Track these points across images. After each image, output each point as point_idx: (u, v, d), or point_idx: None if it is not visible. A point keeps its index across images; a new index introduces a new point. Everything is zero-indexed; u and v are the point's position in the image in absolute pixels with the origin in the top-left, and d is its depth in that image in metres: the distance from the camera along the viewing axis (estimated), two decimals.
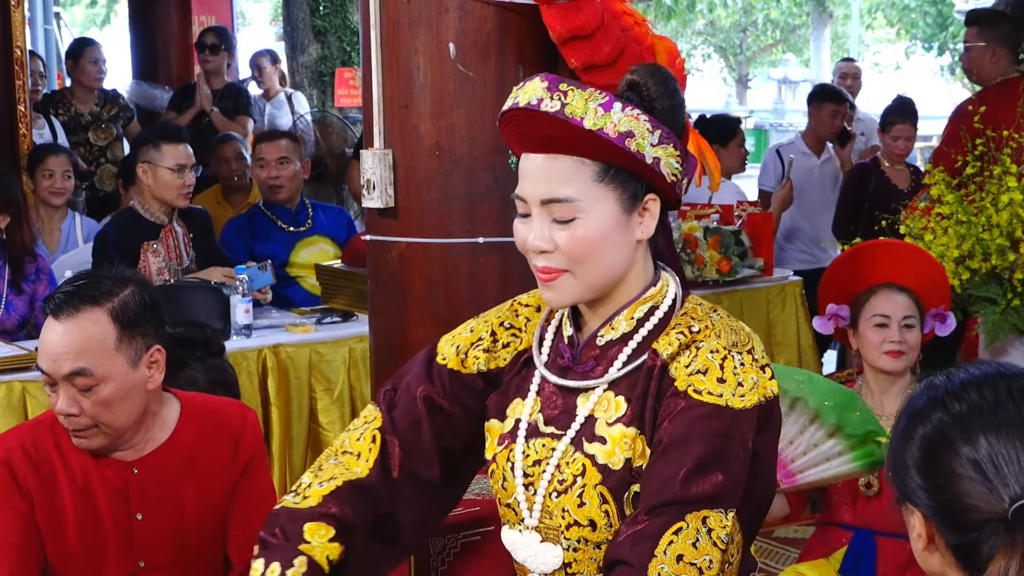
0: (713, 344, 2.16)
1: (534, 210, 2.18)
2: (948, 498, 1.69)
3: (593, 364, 2.24)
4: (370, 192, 3.78)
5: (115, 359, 2.82)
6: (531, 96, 2.14)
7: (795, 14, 30.32)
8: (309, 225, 6.24)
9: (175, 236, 5.54)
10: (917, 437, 1.72)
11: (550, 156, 2.15)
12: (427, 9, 3.67)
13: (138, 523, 2.93)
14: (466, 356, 2.37)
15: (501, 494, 2.30)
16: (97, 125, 7.89)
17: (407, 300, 3.80)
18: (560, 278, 2.17)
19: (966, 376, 1.75)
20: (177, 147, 5.45)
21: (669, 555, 2.03)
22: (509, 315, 2.40)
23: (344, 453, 2.35)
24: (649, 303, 2.24)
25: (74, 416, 2.82)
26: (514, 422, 2.30)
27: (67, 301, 2.82)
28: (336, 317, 5.53)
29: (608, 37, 3.63)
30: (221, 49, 8.63)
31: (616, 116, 2.11)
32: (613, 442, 2.17)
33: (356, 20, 12.23)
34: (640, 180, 2.17)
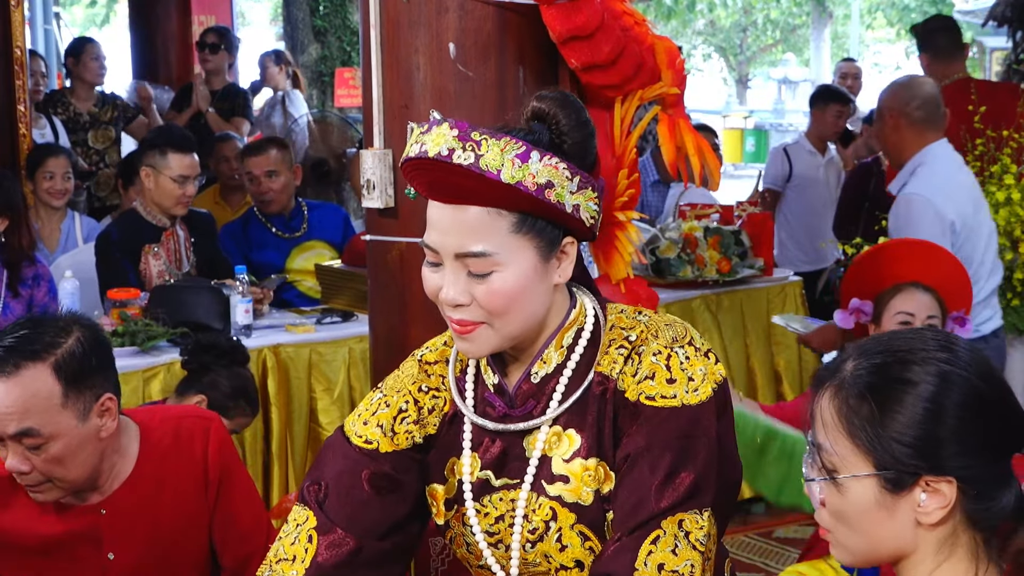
0: (654, 346, 2.11)
1: (447, 262, 2.07)
2: (990, 450, 1.72)
3: (533, 404, 2.16)
4: (370, 192, 3.78)
5: (62, 416, 2.67)
6: (441, 145, 2.04)
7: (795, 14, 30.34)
8: (304, 230, 6.22)
9: (176, 240, 5.54)
10: (952, 406, 1.72)
11: (461, 207, 2.04)
12: (427, 9, 3.67)
13: (110, 562, 2.86)
14: (395, 434, 2.24)
15: (469, 558, 2.23)
16: (96, 127, 7.89)
17: (407, 300, 3.80)
18: (477, 330, 2.08)
19: (943, 339, 1.79)
20: (183, 157, 5.43)
21: (650, 566, 1.99)
22: (422, 377, 2.28)
23: (279, 561, 2.20)
24: (574, 328, 2.17)
25: (25, 473, 2.69)
26: (457, 483, 2.21)
27: (6, 357, 2.65)
28: (336, 317, 5.53)
29: (608, 37, 3.63)
30: (222, 49, 8.63)
31: (534, 167, 2.02)
32: (576, 478, 2.11)
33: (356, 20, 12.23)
34: (558, 226, 2.09)
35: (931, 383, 1.72)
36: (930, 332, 1.83)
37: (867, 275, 4.12)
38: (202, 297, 5.15)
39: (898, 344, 1.79)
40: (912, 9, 27.78)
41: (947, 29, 6.76)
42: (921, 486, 1.72)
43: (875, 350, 1.79)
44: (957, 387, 1.72)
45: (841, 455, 1.76)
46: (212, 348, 4.05)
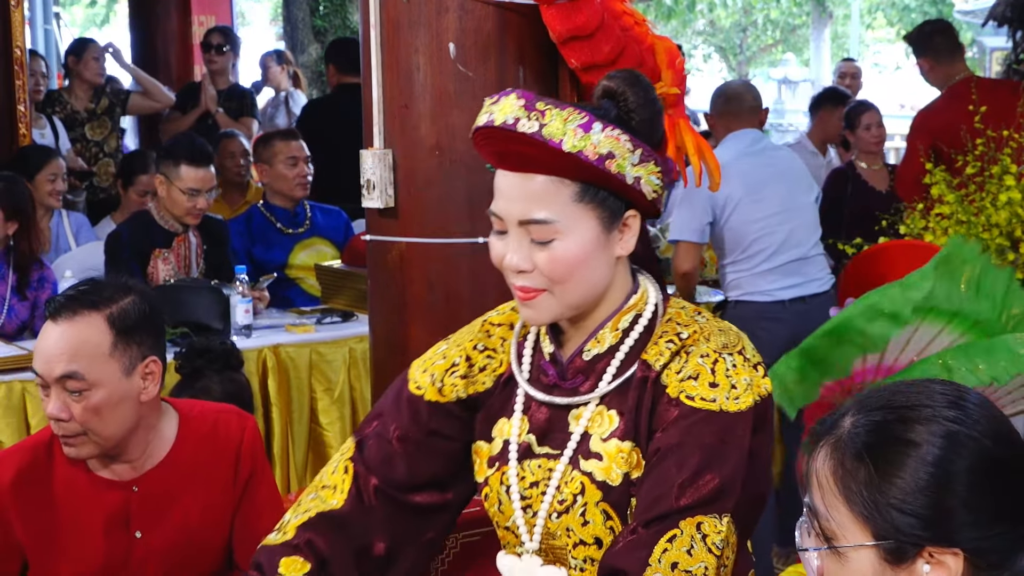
0: (703, 348, 2.13)
1: (511, 229, 2.13)
2: (1003, 518, 1.60)
3: (582, 379, 2.20)
4: (370, 192, 3.78)
5: (108, 365, 2.77)
6: (507, 115, 2.09)
7: (795, 14, 30.30)
8: (307, 226, 6.23)
9: (187, 246, 5.54)
10: (961, 472, 1.59)
11: (527, 175, 2.10)
12: (427, 9, 3.67)
13: (137, 540, 2.90)
14: (443, 384, 2.31)
15: (498, 517, 2.26)
16: (92, 120, 7.89)
17: (407, 300, 3.80)
18: (539, 297, 2.13)
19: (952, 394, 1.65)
20: (196, 171, 5.43)
21: (664, 563, 2.00)
22: (482, 337, 2.34)
23: (323, 488, 2.32)
24: (632, 312, 2.20)
25: (63, 421, 2.77)
26: (502, 443, 2.25)
27: (66, 304, 2.78)
28: (336, 317, 5.53)
29: (608, 37, 3.63)
30: (226, 49, 8.62)
31: (596, 137, 2.06)
32: (609, 458, 2.14)
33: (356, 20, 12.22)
34: (620, 198, 2.13)
35: (936, 445, 1.59)
36: (939, 386, 1.67)
37: (861, 275, 4.12)
38: (202, 297, 5.15)
39: (901, 399, 1.65)
40: (912, 9, 27.76)
41: (942, 31, 6.80)
42: (924, 557, 1.59)
43: (875, 405, 1.65)
44: (965, 449, 1.59)
45: (838, 522, 1.63)
46: (205, 352, 4.03)
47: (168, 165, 5.45)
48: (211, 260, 5.62)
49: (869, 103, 7.83)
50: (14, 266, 5.28)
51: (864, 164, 7.27)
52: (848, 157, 7.98)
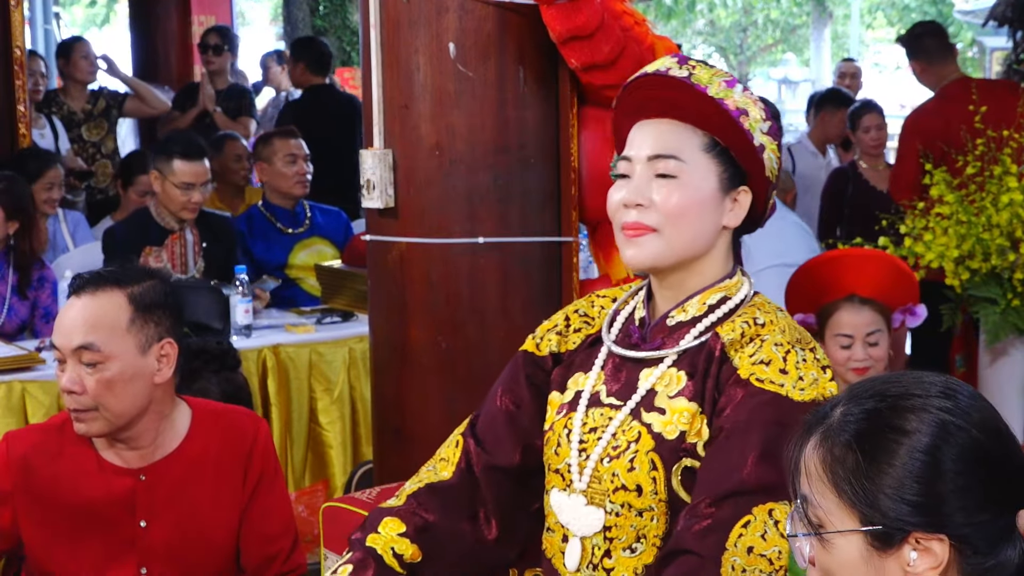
0: (778, 338, 2.21)
1: (637, 168, 2.26)
2: (990, 506, 1.61)
3: (660, 342, 2.29)
4: (370, 192, 3.78)
5: (124, 340, 2.83)
6: (660, 65, 2.28)
7: (795, 14, 30.30)
8: (307, 226, 6.24)
9: (183, 244, 5.54)
10: (951, 460, 1.60)
11: (665, 120, 2.26)
12: (427, 9, 3.67)
13: (142, 530, 2.92)
14: (541, 340, 2.45)
15: (552, 460, 2.34)
16: (89, 121, 7.89)
17: (407, 300, 3.80)
18: (646, 235, 2.24)
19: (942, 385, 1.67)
20: (189, 165, 5.45)
21: (740, 547, 2.07)
22: (585, 304, 2.48)
23: (440, 460, 2.46)
24: (722, 293, 2.30)
25: (76, 394, 2.81)
26: (575, 393, 2.35)
27: (90, 280, 2.87)
28: (336, 317, 5.53)
29: (608, 37, 3.63)
30: (225, 49, 8.62)
31: (736, 94, 2.24)
32: (672, 413, 2.22)
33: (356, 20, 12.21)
34: (740, 169, 2.26)
35: (925, 433, 1.61)
36: (930, 376, 1.68)
37: (805, 289, 4.07)
38: (202, 297, 5.15)
39: (893, 389, 1.66)
40: (912, 9, 27.76)
41: (933, 33, 6.84)
42: (911, 543, 1.60)
43: (866, 395, 1.67)
44: (955, 438, 1.61)
45: (826, 509, 1.64)
46: (201, 353, 4.03)
47: (162, 160, 5.47)
48: (211, 257, 5.61)
49: (873, 104, 7.84)
50: (14, 266, 5.28)
51: (865, 164, 7.29)
52: (849, 158, 7.99)
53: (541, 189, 3.80)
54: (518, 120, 3.73)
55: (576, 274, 3.89)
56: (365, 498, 3.57)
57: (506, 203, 3.75)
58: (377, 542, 2.32)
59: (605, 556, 2.26)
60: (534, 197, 3.78)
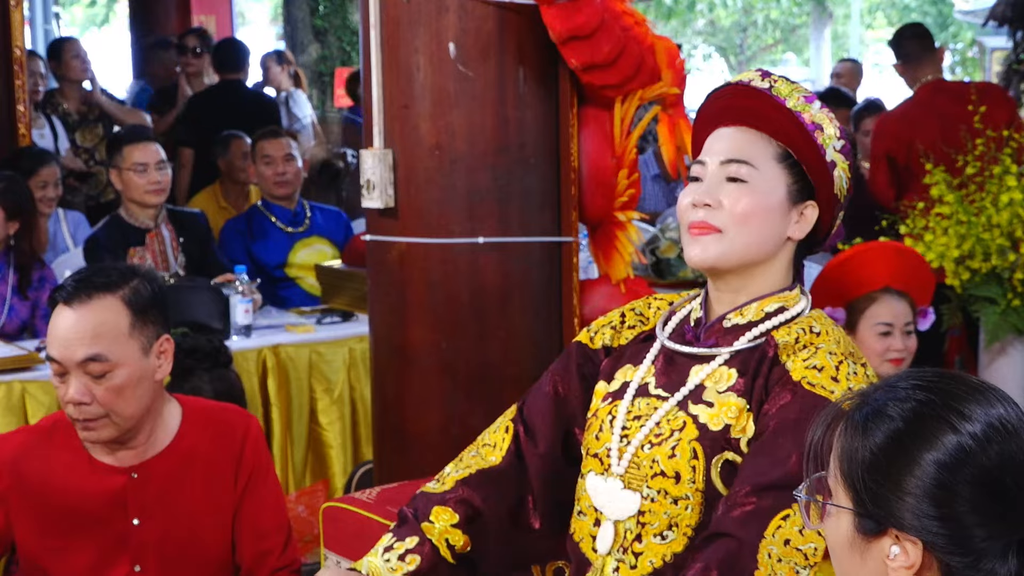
0: (832, 348, 2.25)
1: (710, 171, 2.30)
2: (969, 521, 1.59)
3: (715, 342, 2.33)
4: (370, 192, 3.78)
5: (128, 344, 2.82)
6: (744, 77, 2.34)
7: (795, 14, 30.29)
8: (307, 225, 6.25)
9: (161, 240, 5.53)
10: (926, 462, 1.60)
11: (742, 128, 2.31)
12: (427, 9, 3.67)
13: (135, 528, 2.91)
14: (595, 333, 2.49)
15: (592, 444, 2.37)
16: (84, 126, 7.87)
17: (407, 300, 3.80)
18: (711, 235, 2.28)
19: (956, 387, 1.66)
20: (136, 146, 5.47)
21: (778, 538, 2.11)
22: (642, 304, 2.52)
23: (484, 445, 2.48)
24: (780, 303, 2.33)
25: (85, 405, 2.79)
26: (622, 383, 2.38)
27: (79, 288, 2.82)
28: (336, 317, 5.52)
29: (608, 37, 3.63)
30: (202, 52, 8.63)
31: (814, 109, 2.29)
32: (720, 406, 2.25)
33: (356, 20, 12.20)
34: (809, 184, 2.31)
35: (937, 449, 1.60)
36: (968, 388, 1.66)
37: (839, 282, 4.10)
38: (201, 297, 5.14)
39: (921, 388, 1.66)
40: (912, 9, 27.76)
41: (915, 35, 6.93)
42: (891, 538, 1.61)
43: (895, 385, 1.67)
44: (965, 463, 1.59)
45: (834, 485, 1.69)
46: (193, 351, 4.02)
47: (114, 155, 5.54)
48: (189, 252, 5.61)
49: (876, 106, 7.85)
50: (15, 266, 5.28)
51: (867, 164, 7.28)
52: None
53: (541, 189, 3.80)
54: (518, 120, 3.73)
55: (576, 274, 3.89)
56: (365, 498, 3.57)
57: (506, 203, 3.75)
58: (432, 532, 2.35)
59: (636, 540, 2.28)
60: (534, 197, 3.78)
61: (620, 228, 3.97)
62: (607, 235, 3.98)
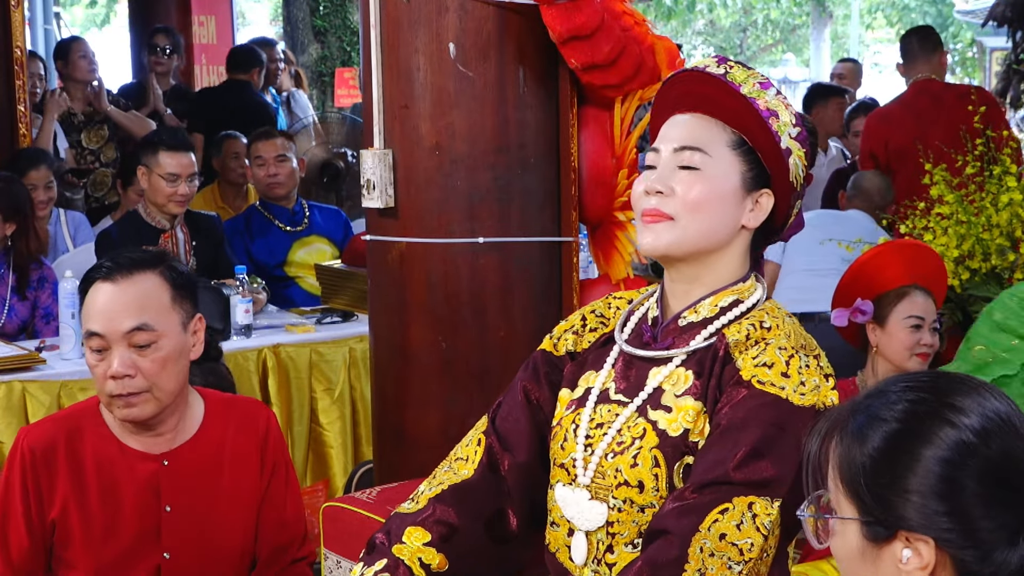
0: (782, 342, 2.23)
1: (664, 158, 2.29)
2: (976, 514, 1.60)
3: (671, 341, 2.31)
4: (370, 192, 3.78)
5: (171, 316, 2.87)
6: (700, 63, 2.32)
7: (795, 14, 30.28)
8: (306, 225, 6.26)
9: (175, 242, 5.53)
10: (927, 460, 1.61)
11: (697, 115, 2.30)
12: (427, 9, 3.67)
13: (166, 515, 2.93)
14: (558, 340, 2.48)
15: (558, 454, 2.36)
16: (89, 127, 7.85)
17: (407, 300, 3.80)
18: (663, 223, 2.26)
19: (947, 385, 1.68)
20: (174, 156, 5.43)
21: (713, 532, 2.10)
22: (602, 305, 2.50)
23: (456, 460, 2.45)
24: (734, 295, 2.31)
25: (129, 378, 2.81)
26: (585, 390, 2.36)
27: (120, 265, 2.86)
28: (336, 317, 5.53)
29: (608, 37, 3.63)
30: (170, 51, 8.64)
31: (769, 96, 2.27)
32: (678, 411, 2.23)
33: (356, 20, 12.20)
34: (764, 171, 2.29)
35: (937, 446, 1.61)
36: (959, 384, 1.68)
37: (872, 275, 4.14)
38: (202, 297, 5.12)
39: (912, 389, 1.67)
40: (912, 9, 27.76)
41: (916, 34, 7.08)
42: (902, 541, 1.62)
43: (886, 389, 1.69)
44: (954, 448, 1.61)
45: (835, 496, 1.68)
46: None
47: (148, 154, 5.47)
48: (201, 256, 5.61)
49: (868, 106, 7.88)
50: (13, 266, 5.28)
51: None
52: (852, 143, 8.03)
53: (541, 189, 3.80)
54: (518, 120, 3.73)
55: (576, 274, 3.89)
56: (365, 498, 3.57)
57: (506, 203, 3.75)
58: (404, 553, 2.33)
59: (608, 551, 2.27)
60: (534, 197, 3.79)
61: (620, 228, 3.97)
62: (607, 235, 3.98)
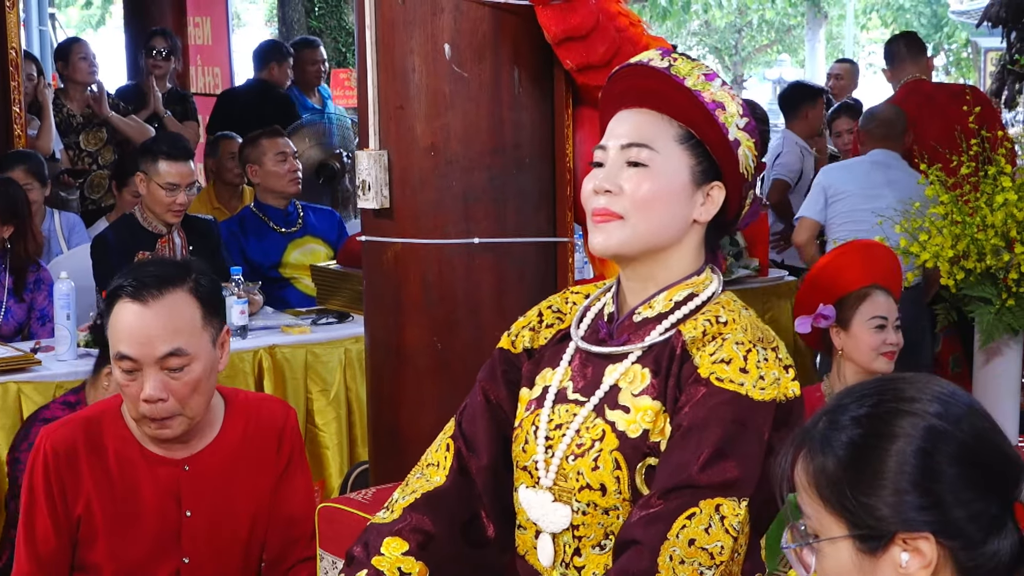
0: (739, 336, 2.20)
1: (611, 155, 2.26)
2: (965, 498, 1.61)
3: (627, 338, 2.29)
4: (365, 193, 3.78)
5: (203, 337, 2.82)
6: (643, 57, 2.29)
7: (790, 15, 30.32)
8: (300, 226, 6.26)
9: (172, 247, 5.52)
10: (902, 454, 1.62)
11: (643, 110, 2.27)
12: (422, 10, 3.67)
13: (187, 520, 2.93)
14: (516, 337, 2.45)
15: (520, 457, 2.34)
16: (88, 129, 7.84)
17: (402, 301, 3.80)
18: (613, 222, 2.24)
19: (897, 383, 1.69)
20: (174, 165, 5.41)
21: (681, 538, 2.07)
22: (559, 300, 2.48)
23: (428, 466, 2.44)
24: (689, 289, 2.29)
25: (162, 402, 2.78)
26: (542, 389, 2.35)
27: (148, 284, 2.78)
28: (332, 318, 5.53)
29: (603, 38, 3.63)
30: (168, 54, 8.64)
31: (715, 87, 2.24)
32: (636, 411, 2.21)
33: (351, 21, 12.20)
34: (714, 164, 2.26)
35: (908, 437, 1.62)
36: (912, 379, 1.70)
37: (831, 279, 4.15)
38: None
39: (877, 395, 1.68)
40: (907, 10, 27.81)
41: (903, 38, 7.15)
42: (899, 544, 1.61)
43: (842, 403, 1.69)
44: (939, 440, 1.62)
45: (816, 519, 1.66)
46: None
47: (147, 161, 5.45)
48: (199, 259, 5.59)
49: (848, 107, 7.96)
50: (10, 268, 5.29)
51: None
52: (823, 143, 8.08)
53: (536, 190, 3.80)
54: (513, 121, 3.73)
55: (571, 274, 3.90)
56: (361, 499, 3.58)
57: (501, 204, 3.75)
58: (383, 564, 2.31)
59: (575, 554, 2.25)
60: (529, 198, 3.79)
61: None
62: None
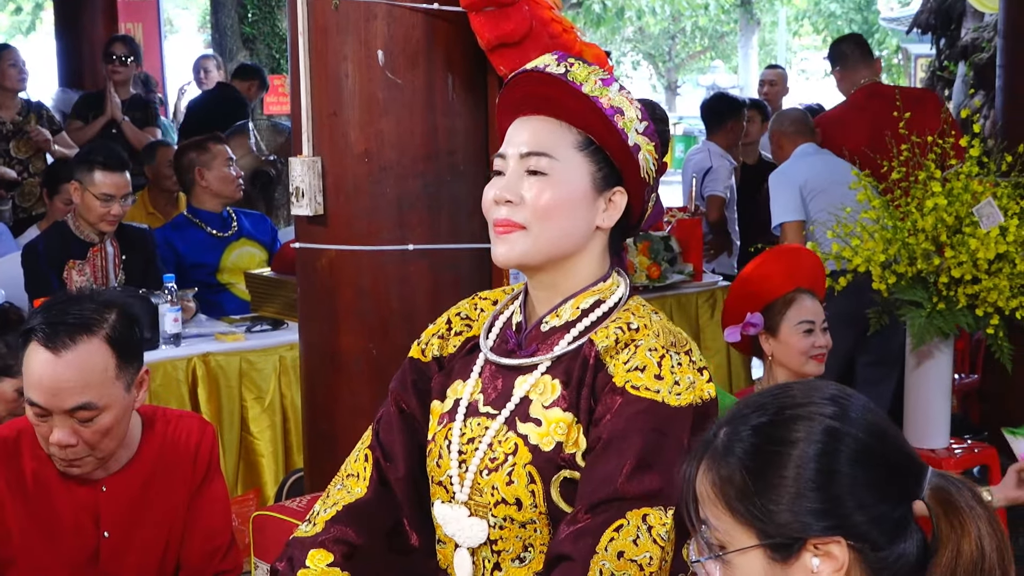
0: (652, 343, 2.18)
1: (511, 164, 2.24)
2: (866, 500, 1.62)
3: (535, 348, 2.27)
4: (299, 200, 3.77)
5: (115, 387, 2.76)
6: (539, 62, 2.24)
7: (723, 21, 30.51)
8: (235, 229, 6.23)
9: (104, 256, 5.47)
10: (801, 459, 1.63)
11: (541, 117, 2.24)
12: (355, 16, 3.67)
13: (105, 540, 2.90)
14: (425, 346, 2.42)
15: (435, 472, 2.32)
16: (18, 136, 7.75)
17: (337, 307, 3.79)
18: (515, 233, 2.22)
19: (790, 391, 1.71)
20: (110, 176, 5.35)
21: (610, 551, 2.06)
22: (468, 307, 2.45)
23: (348, 476, 2.41)
24: (596, 296, 2.27)
25: (72, 447, 2.75)
26: (454, 402, 2.32)
27: (60, 332, 2.70)
28: (266, 325, 5.50)
29: (536, 44, 3.64)
30: (129, 60, 8.56)
31: (612, 93, 2.21)
32: (548, 424, 2.19)
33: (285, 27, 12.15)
34: (615, 169, 2.24)
35: (810, 441, 1.63)
36: (810, 385, 1.72)
37: (756, 286, 4.16)
38: None
39: (775, 402, 1.69)
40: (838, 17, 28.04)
41: (852, 41, 7.12)
42: (810, 550, 1.62)
43: (748, 411, 1.69)
44: (839, 443, 1.63)
45: (724, 530, 1.66)
46: None
47: (83, 171, 5.39)
48: (131, 270, 5.55)
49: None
50: None
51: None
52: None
53: (470, 196, 3.80)
54: (447, 127, 3.73)
55: (507, 280, 3.90)
56: (296, 506, 3.56)
57: (435, 210, 3.75)
58: None
59: (495, 568, 2.24)
60: (463, 204, 3.79)
61: None
62: None
